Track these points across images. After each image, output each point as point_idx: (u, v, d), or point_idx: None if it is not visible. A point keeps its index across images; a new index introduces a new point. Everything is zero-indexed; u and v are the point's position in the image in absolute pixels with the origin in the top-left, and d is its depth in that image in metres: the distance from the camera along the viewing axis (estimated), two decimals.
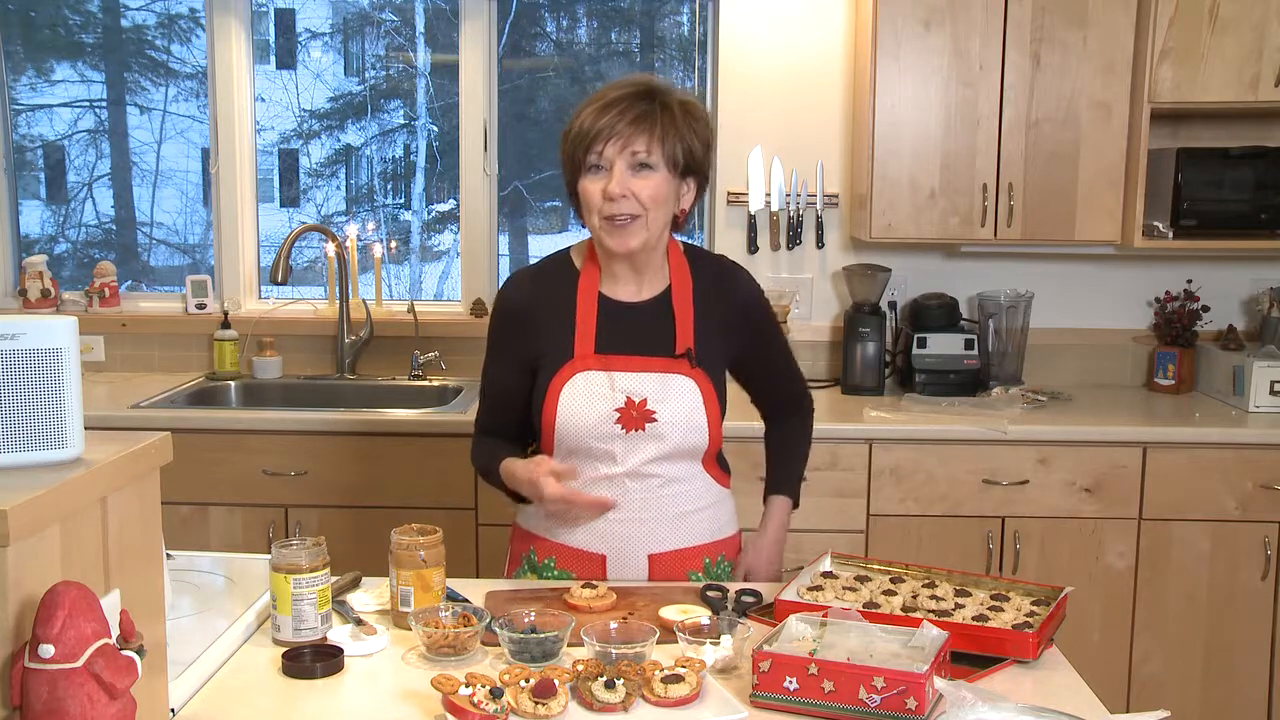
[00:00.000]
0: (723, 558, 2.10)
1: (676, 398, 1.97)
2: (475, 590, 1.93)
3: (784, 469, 2.23)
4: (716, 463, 2.09)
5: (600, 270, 2.01)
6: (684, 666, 1.54)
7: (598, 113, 1.88)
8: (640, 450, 1.97)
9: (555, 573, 2.04)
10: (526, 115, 4.11)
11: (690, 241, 2.18)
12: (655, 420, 1.95)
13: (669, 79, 2.02)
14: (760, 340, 2.12)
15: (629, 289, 2.02)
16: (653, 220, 1.93)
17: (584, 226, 1.99)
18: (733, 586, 1.93)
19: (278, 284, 3.57)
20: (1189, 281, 3.61)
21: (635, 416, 1.95)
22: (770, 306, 2.15)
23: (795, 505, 2.21)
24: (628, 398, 1.95)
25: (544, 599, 1.87)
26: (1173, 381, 3.56)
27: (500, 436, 2.10)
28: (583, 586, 1.87)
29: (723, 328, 2.04)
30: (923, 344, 3.47)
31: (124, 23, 4.24)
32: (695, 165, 1.95)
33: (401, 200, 4.68)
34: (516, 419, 2.07)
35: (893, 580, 1.86)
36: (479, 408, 2.15)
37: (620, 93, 1.90)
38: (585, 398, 1.96)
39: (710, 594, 1.89)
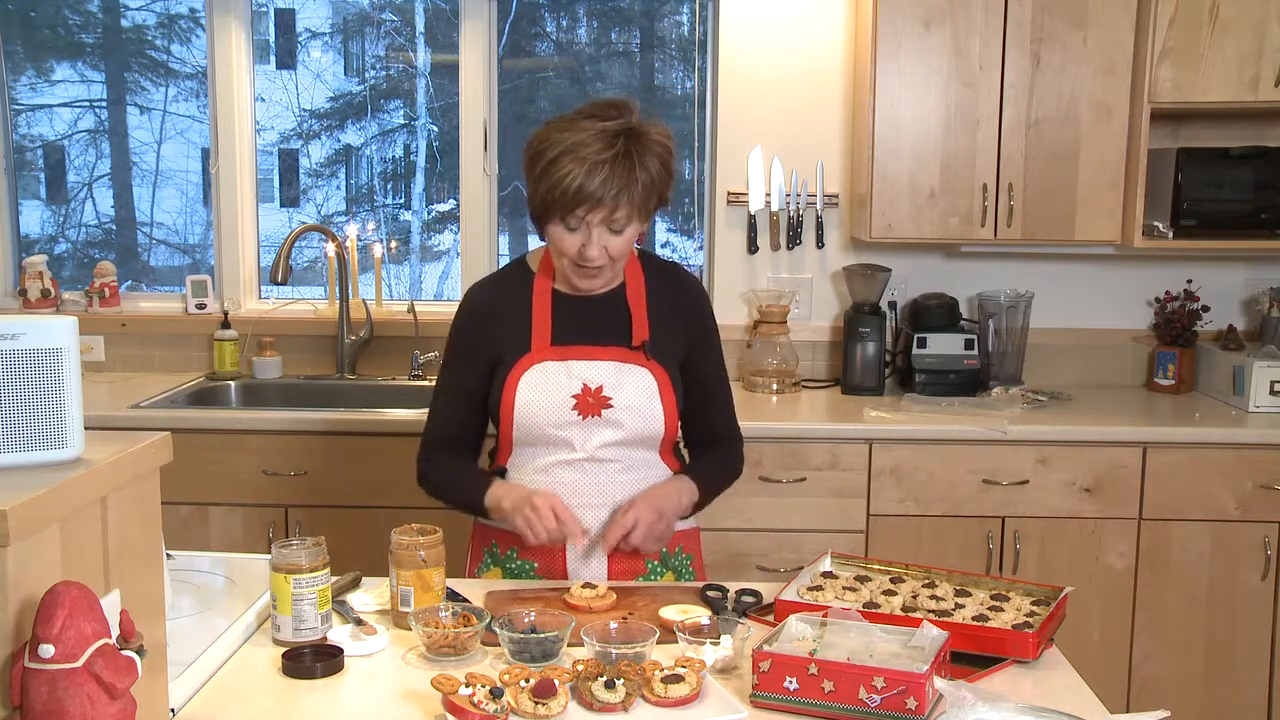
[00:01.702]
0: (680, 549, 2.14)
1: (632, 386, 2.02)
2: (475, 590, 1.93)
3: (699, 467, 2.15)
4: (673, 454, 2.13)
5: (555, 274, 2.07)
6: (684, 666, 1.54)
7: (585, 175, 1.87)
8: (597, 435, 2.02)
9: (518, 562, 2.09)
10: (526, 115, 4.11)
11: (647, 250, 2.23)
12: (611, 406, 2.00)
13: (633, 102, 1.99)
14: (701, 349, 2.13)
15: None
16: (620, 265, 2.02)
17: (539, 235, 2.03)
18: (733, 586, 1.94)
19: (278, 284, 3.57)
20: (1189, 281, 3.61)
21: (591, 403, 2.00)
22: (715, 324, 2.16)
23: (698, 501, 2.09)
24: (584, 384, 2.00)
25: (544, 599, 1.87)
26: (1173, 381, 3.56)
27: (453, 447, 2.12)
28: (582, 586, 1.88)
29: (673, 327, 2.09)
30: (923, 344, 3.47)
31: (124, 23, 4.24)
32: (663, 199, 2.00)
33: (401, 200, 4.68)
34: (473, 423, 2.11)
35: (893, 580, 1.87)
36: (430, 421, 2.15)
37: (605, 153, 1.87)
38: (542, 387, 2.01)
39: (710, 594, 1.89)
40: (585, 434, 2.02)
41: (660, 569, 2.10)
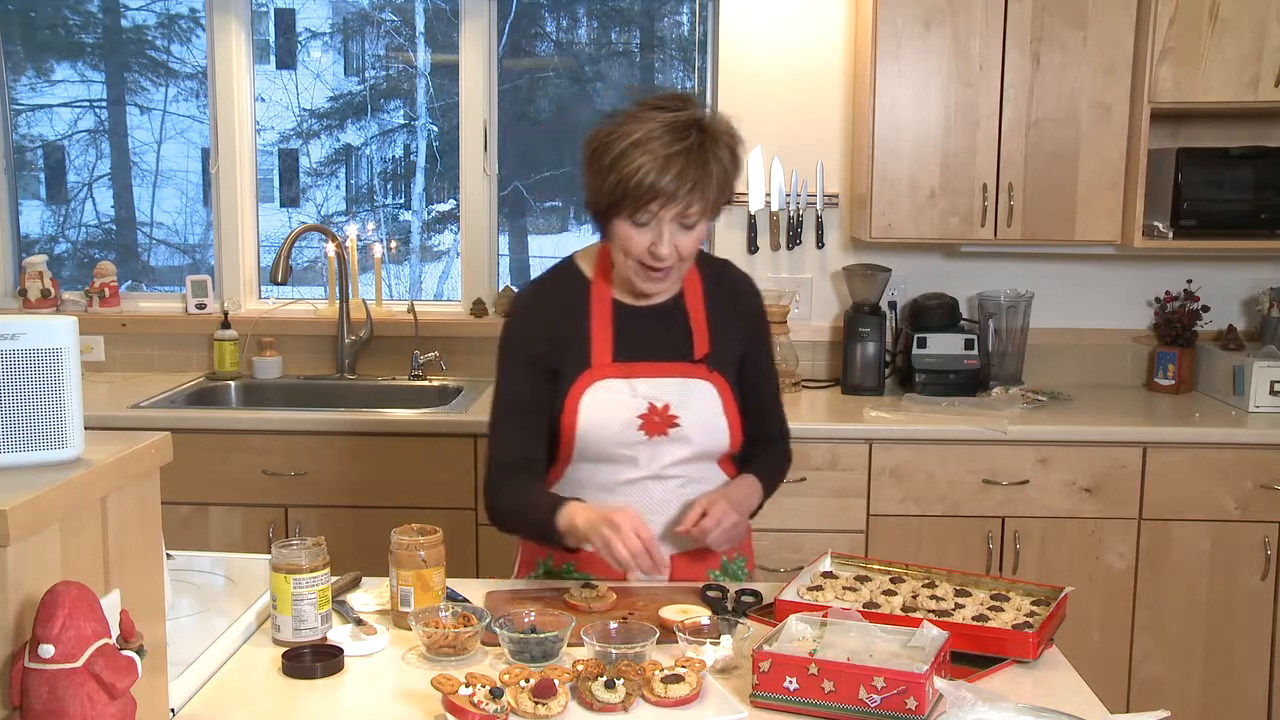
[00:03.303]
0: (738, 554, 2.11)
1: (698, 402, 1.96)
2: (475, 590, 1.93)
3: (760, 468, 2.10)
4: (730, 460, 2.08)
5: (612, 277, 1.99)
6: (684, 666, 1.54)
7: (658, 169, 1.79)
8: (664, 454, 1.96)
9: (575, 575, 2.02)
10: (526, 115, 4.11)
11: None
12: (678, 425, 1.95)
13: (697, 99, 1.92)
14: (755, 348, 2.08)
15: (642, 294, 1.98)
16: (686, 266, 1.94)
17: (600, 234, 1.94)
18: (733, 586, 1.93)
19: (278, 284, 3.57)
20: (1189, 281, 3.61)
21: (658, 422, 1.94)
22: (767, 320, 2.12)
23: (761, 498, 2.07)
24: (650, 403, 1.94)
25: (544, 599, 1.87)
26: (1173, 381, 3.56)
27: (524, 465, 1.98)
28: (582, 586, 1.87)
29: (731, 332, 2.03)
30: (923, 344, 3.47)
31: (124, 23, 4.24)
32: (731, 194, 1.92)
33: (401, 200, 4.68)
34: (542, 435, 1.98)
35: (893, 580, 1.86)
36: (497, 443, 2.00)
37: (676, 145, 1.80)
38: (607, 405, 1.94)
39: (710, 594, 1.89)
40: (652, 452, 1.96)
41: (720, 577, 2.04)
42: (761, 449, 2.11)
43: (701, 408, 1.96)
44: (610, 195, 1.83)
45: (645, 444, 1.95)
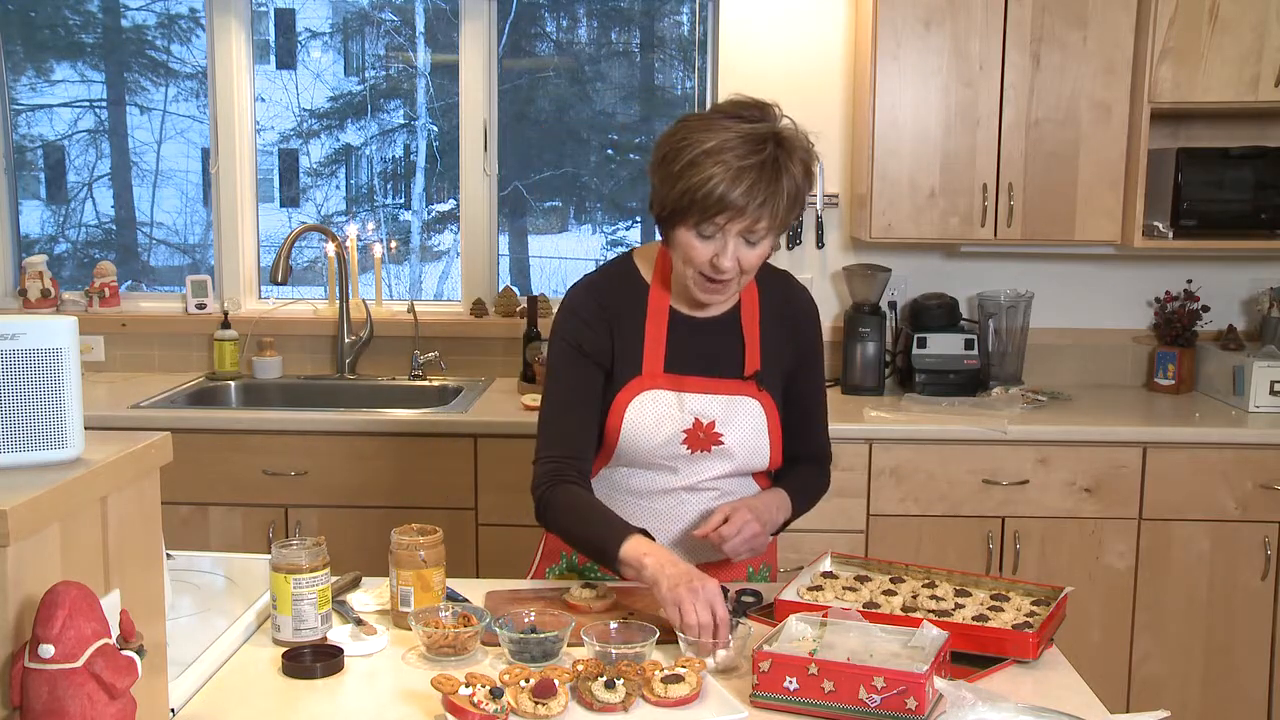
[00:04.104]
0: (764, 563, 2.10)
1: (743, 420, 1.95)
2: (475, 590, 1.93)
3: (794, 485, 2.07)
4: (766, 474, 2.06)
5: (670, 283, 1.96)
6: (684, 666, 1.54)
7: (729, 181, 1.74)
8: (704, 469, 1.96)
9: (597, 574, 2.01)
10: (526, 115, 4.11)
11: None
12: (722, 444, 1.94)
13: (784, 119, 1.88)
14: (806, 366, 2.04)
15: (699, 304, 1.96)
16: (746, 280, 1.90)
17: (663, 239, 1.90)
18: (733, 587, 1.93)
19: (278, 284, 3.57)
20: (1189, 281, 3.61)
21: (702, 438, 1.93)
22: (821, 339, 2.08)
23: (791, 515, 2.04)
24: (695, 419, 1.93)
25: (544, 599, 1.87)
26: (1173, 381, 3.56)
27: (578, 468, 1.93)
28: (582, 586, 1.87)
29: (783, 347, 2.01)
30: (923, 344, 3.47)
31: (124, 23, 4.24)
32: (802, 210, 1.89)
33: (401, 200, 4.68)
34: (592, 427, 1.94)
35: (893, 580, 1.86)
36: (548, 442, 1.94)
37: (751, 158, 1.76)
38: (654, 416, 1.92)
39: None
40: (692, 465, 1.95)
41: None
42: (800, 467, 2.07)
43: (746, 426, 1.95)
44: (677, 203, 1.79)
45: (686, 458, 1.94)
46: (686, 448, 1.93)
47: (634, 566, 1.75)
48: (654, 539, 1.81)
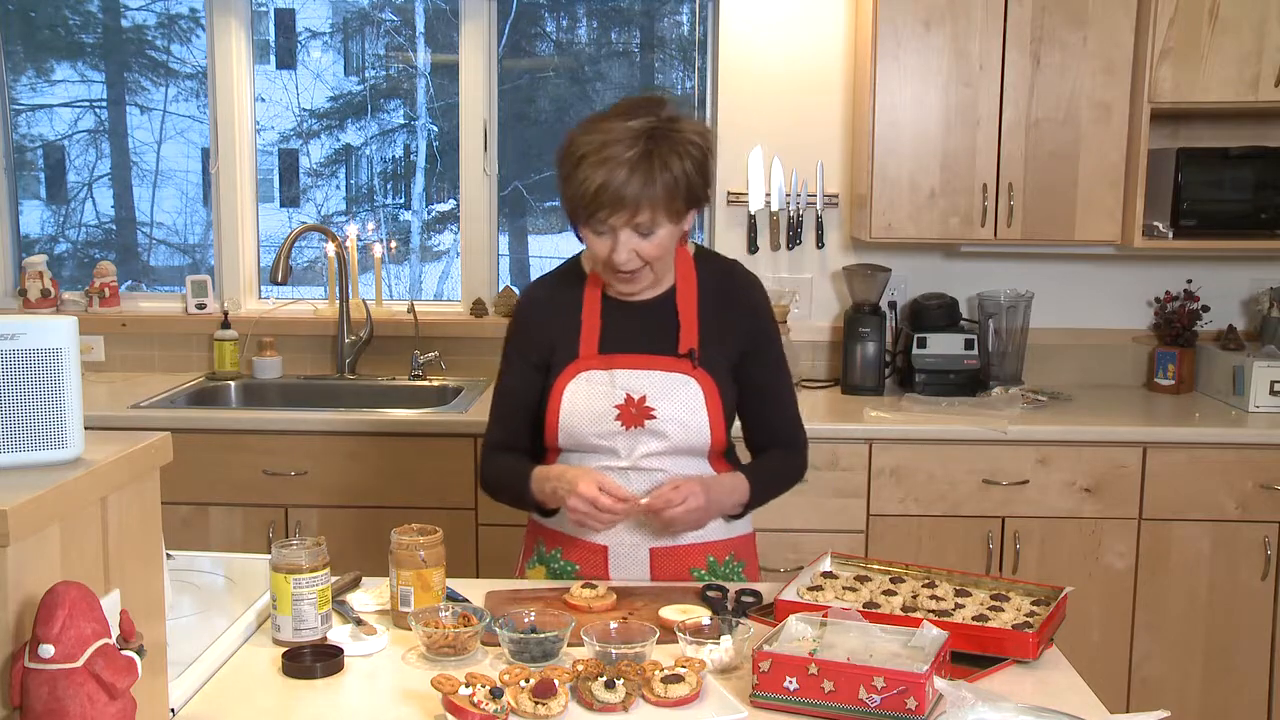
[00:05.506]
0: (731, 556, 2.09)
1: (677, 396, 1.98)
2: (475, 590, 1.93)
3: (756, 469, 2.09)
4: (725, 459, 2.07)
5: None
6: (684, 666, 1.54)
7: (604, 179, 1.82)
8: (642, 445, 1.99)
9: (561, 563, 2.07)
10: (526, 115, 4.11)
11: (703, 245, 2.17)
12: (654, 417, 1.97)
13: (665, 92, 1.95)
14: (757, 351, 2.06)
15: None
16: (658, 265, 1.97)
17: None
18: (733, 587, 1.93)
19: (278, 284, 3.57)
20: (1189, 281, 3.61)
21: (634, 413, 1.97)
22: (774, 319, 2.10)
23: (747, 504, 2.04)
24: (627, 394, 1.98)
25: (544, 599, 1.87)
26: (1173, 381, 3.56)
27: (513, 452, 2.09)
28: (583, 586, 1.87)
29: (725, 330, 2.03)
30: (923, 344, 3.47)
31: (124, 23, 4.24)
32: (696, 198, 1.93)
33: (401, 200, 4.68)
34: (530, 428, 2.08)
35: (893, 580, 1.86)
36: (490, 425, 2.12)
37: (624, 155, 1.82)
38: (586, 395, 1.99)
39: (710, 594, 1.89)
40: (630, 443, 1.99)
41: (706, 578, 2.04)
42: (770, 454, 2.11)
43: (680, 402, 1.98)
44: (569, 205, 1.91)
45: (623, 435, 1.98)
46: (620, 424, 1.98)
47: (542, 496, 1.98)
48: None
